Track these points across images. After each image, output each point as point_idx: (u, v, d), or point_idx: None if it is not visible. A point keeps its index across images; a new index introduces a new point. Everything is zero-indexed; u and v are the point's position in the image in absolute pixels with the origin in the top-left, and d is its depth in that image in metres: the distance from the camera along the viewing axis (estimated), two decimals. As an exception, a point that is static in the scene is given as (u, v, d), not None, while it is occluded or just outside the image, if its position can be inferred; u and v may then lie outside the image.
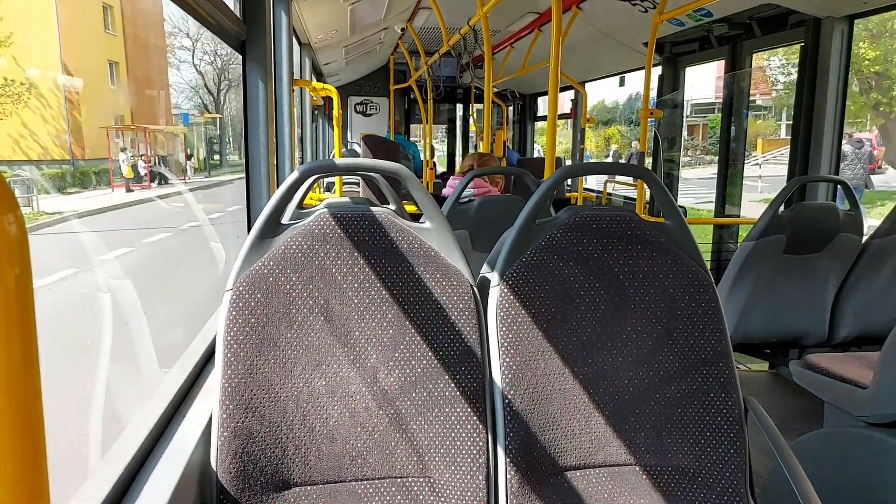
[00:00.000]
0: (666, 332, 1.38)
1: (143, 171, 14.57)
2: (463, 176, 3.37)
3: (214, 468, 1.17)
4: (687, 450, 1.34)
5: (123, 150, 13.96)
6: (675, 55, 5.23)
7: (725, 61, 4.63)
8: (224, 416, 1.18)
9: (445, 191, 3.46)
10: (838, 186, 3.42)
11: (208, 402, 1.28)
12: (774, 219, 2.81)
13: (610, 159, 23.46)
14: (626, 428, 1.35)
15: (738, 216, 4.79)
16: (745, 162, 4.77)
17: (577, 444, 1.33)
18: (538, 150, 10.03)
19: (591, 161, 10.63)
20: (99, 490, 0.95)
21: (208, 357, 1.49)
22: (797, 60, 3.77)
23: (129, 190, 13.90)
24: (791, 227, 2.84)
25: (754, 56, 4.53)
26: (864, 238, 2.97)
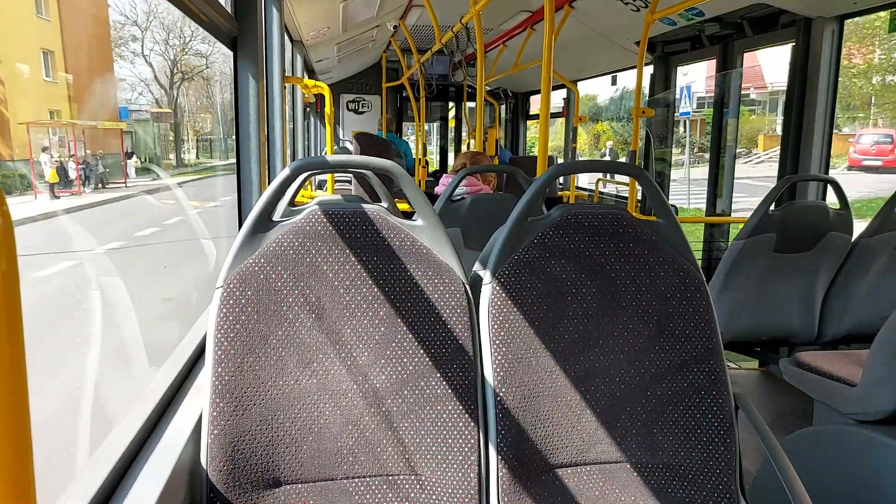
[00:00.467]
0: (657, 330, 1.38)
1: (72, 174, 12.19)
2: (456, 174, 3.37)
3: (204, 466, 1.16)
4: (678, 447, 1.35)
5: (45, 149, 11.62)
6: (666, 54, 5.25)
7: (717, 60, 4.65)
8: (214, 413, 1.17)
9: (438, 189, 3.46)
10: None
11: (198, 400, 1.27)
12: (765, 217, 2.83)
13: (607, 159, 23.22)
14: (617, 425, 1.35)
15: (730, 214, 4.81)
16: (748, 160, 4.73)
17: (568, 442, 1.34)
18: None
19: (582, 159, 10.66)
20: (87, 488, 0.94)
21: (199, 355, 1.49)
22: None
23: (54, 196, 11.44)
24: (781, 225, 2.86)
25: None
26: (854, 237, 2.99)
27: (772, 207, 2.86)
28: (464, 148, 10.58)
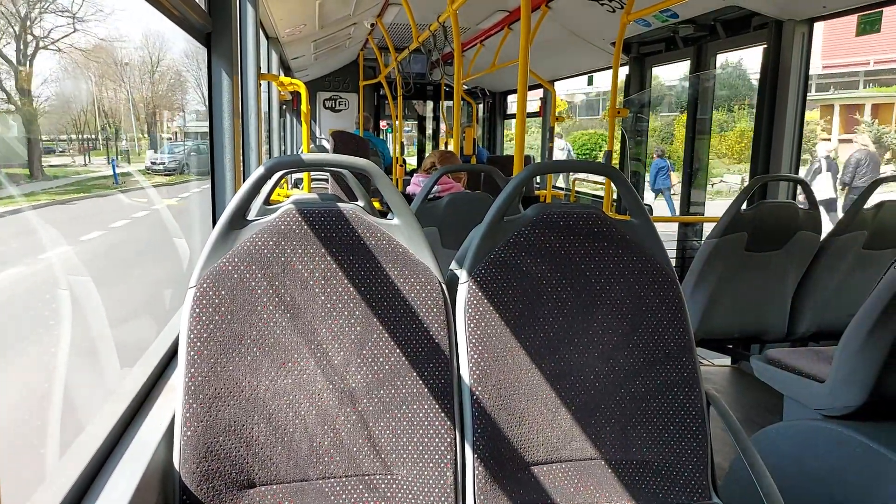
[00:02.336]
0: (631, 329, 1.40)
1: None
2: (426, 173, 3.38)
3: (177, 468, 1.15)
4: (651, 444, 1.37)
5: None
6: (641, 55, 5.30)
7: (690, 62, 4.71)
8: (187, 415, 1.16)
9: (410, 188, 3.46)
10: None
11: (171, 402, 1.25)
12: (736, 217, 2.87)
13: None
14: (591, 423, 1.37)
15: (703, 214, 4.88)
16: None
17: (544, 440, 1.35)
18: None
19: (558, 159, 10.73)
20: (57, 491, 0.93)
21: (171, 355, 1.47)
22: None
23: None
24: (753, 224, 2.90)
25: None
26: (823, 236, 3.05)
27: (744, 206, 2.90)
28: (441, 147, 10.58)
